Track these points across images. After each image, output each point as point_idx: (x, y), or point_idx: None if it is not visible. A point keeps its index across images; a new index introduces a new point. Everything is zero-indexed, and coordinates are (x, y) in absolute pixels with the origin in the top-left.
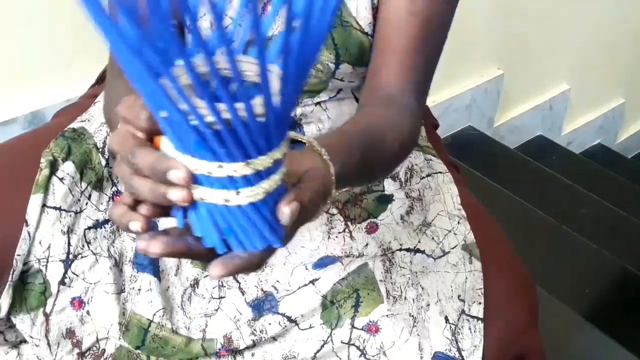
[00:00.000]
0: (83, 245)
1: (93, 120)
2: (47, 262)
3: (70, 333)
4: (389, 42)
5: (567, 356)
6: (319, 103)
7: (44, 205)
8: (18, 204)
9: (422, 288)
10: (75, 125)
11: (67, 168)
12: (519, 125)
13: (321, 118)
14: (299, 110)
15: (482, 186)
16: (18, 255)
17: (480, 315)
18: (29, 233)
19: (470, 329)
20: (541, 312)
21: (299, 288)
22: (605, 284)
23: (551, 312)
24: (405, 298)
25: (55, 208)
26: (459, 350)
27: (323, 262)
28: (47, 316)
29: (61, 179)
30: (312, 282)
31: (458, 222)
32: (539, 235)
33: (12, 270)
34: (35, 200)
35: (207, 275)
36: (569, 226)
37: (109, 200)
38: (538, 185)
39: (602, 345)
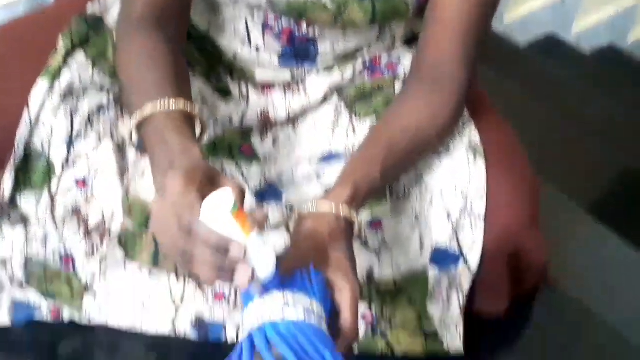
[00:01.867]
0: (87, 127)
1: (109, 11)
2: (50, 143)
3: (76, 212)
4: (439, 14)
5: (570, 250)
6: None
7: (49, 89)
8: (23, 86)
9: (426, 185)
10: (96, 9)
11: (80, 57)
12: (529, 21)
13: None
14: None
15: (489, 81)
16: (20, 138)
17: (482, 213)
18: (30, 116)
19: (471, 225)
20: (546, 207)
21: (303, 181)
22: (610, 180)
23: (556, 207)
24: (408, 196)
25: (60, 93)
26: (459, 245)
27: (327, 158)
28: (52, 196)
29: (70, 66)
30: (317, 176)
31: (463, 124)
32: (546, 132)
33: (14, 152)
34: (41, 84)
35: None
36: (576, 124)
37: (110, 82)
38: (546, 84)
39: (605, 239)
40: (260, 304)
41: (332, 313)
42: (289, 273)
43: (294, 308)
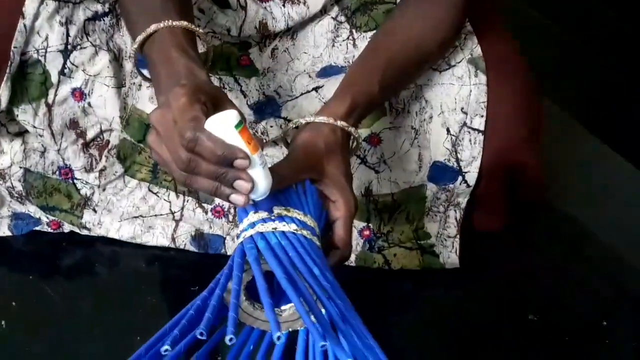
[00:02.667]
0: (82, 36)
1: None
2: (46, 52)
3: (73, 124)
4: None
5: (571, 170)
6: None
7: None
8: None
9: (426, 101)
10: None
11: None
12: None
13: None
14: None
15: None
16: (15, 47)
17: (482, 128)
18: (25, 25)
19: (470, 140)
20: (549, 126)
21: (302, 94)
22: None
23: (558, 125)
24: (408, 111)
25: (54, 1)
26: (457, 160)
27: (326, 72)
28: (49, 107)
29: None
30: (315, 89)
31: (464, 37)
32: (551, 50)
33: (9, 62)
34: None
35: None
36: (582, 42)
37: None
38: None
39: (607, 159)
40: (253, 217)
41: (327, 227)
42: (283, 185)
43: (286, 221)
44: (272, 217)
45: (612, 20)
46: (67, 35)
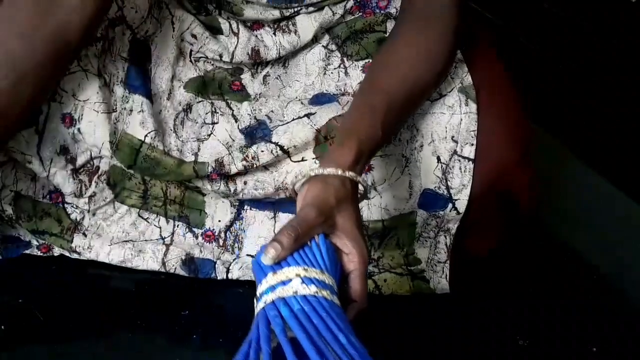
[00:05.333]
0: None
1: None
2: None
3: (63, 150)
4: None
5: (560, 194)
6: None
7: None
8: None
9: (417, 129)
10: None
11: None
12: None
13: None
14: None
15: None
16: None
17: (472, 156)
18: None
19: (460, 168)
20: (538, 151)
21: (293, 120)
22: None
23: (544, 147)
24: (399, 139)
25: None
26: (447, 188)
27: (318, 99)
28: (39, 134)
29: None
30: (307, 115)
31: (455, 66)
32: (535, 70)
33: None
34: None
35: (200, 101)
36: (565, 63)
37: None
38: (536, 23)
39: (595, 183)
40: (273, 279)
41: (341, 278)
42: (299, 244)
43: (306, 283)
44: (291, 278)
45: (601, 45)
46: None
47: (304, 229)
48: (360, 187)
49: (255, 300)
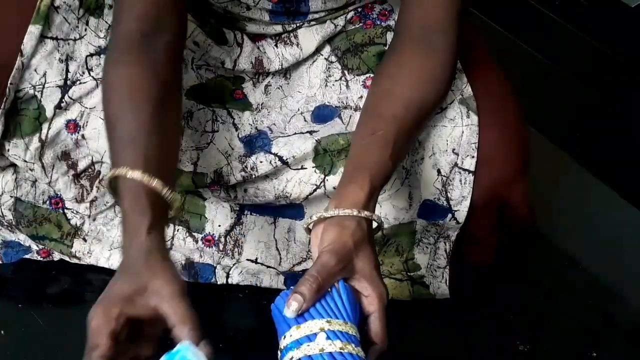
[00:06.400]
0: (83, 72)
1: None
2: (43, 87)
3: (65, 155)
4: None
5: (558, 200)
6: None
7: (41, 36)
8: (15, 33)
9: (419, 142)
10: None
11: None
12: None
13: None
14: None
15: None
16: (11, 84)
17: (472, 169)
18: (22, 63)
19: (460, 180)
20: (532, 153)
21: (295, 134)
22: (596, 126)
23: (542, 153)
24: None
25: (52, 38)
26: (447, 199)
27: (320, 112)
28: (42, 142)
29: (57, 8)
30: (310, 132)
31: (455, 77)
32: (534, 76)
33: (4, 98)
34: (32, 30)
35: (201, 108)
36: (564, 69)
37: (108, 28)
38: (536, 29)
39: (593, 188)
40: (297, 334)
41: (361, 319)
42: (320, 295)
43: (331, 338)
44: (316, 334)
45: (600, 52)
46: (67, 71)
47: (325, 278)
48: (374, 222)
49: (279, 353)
